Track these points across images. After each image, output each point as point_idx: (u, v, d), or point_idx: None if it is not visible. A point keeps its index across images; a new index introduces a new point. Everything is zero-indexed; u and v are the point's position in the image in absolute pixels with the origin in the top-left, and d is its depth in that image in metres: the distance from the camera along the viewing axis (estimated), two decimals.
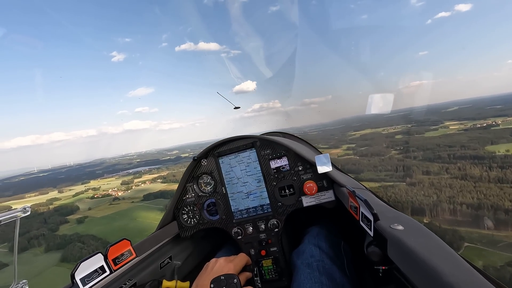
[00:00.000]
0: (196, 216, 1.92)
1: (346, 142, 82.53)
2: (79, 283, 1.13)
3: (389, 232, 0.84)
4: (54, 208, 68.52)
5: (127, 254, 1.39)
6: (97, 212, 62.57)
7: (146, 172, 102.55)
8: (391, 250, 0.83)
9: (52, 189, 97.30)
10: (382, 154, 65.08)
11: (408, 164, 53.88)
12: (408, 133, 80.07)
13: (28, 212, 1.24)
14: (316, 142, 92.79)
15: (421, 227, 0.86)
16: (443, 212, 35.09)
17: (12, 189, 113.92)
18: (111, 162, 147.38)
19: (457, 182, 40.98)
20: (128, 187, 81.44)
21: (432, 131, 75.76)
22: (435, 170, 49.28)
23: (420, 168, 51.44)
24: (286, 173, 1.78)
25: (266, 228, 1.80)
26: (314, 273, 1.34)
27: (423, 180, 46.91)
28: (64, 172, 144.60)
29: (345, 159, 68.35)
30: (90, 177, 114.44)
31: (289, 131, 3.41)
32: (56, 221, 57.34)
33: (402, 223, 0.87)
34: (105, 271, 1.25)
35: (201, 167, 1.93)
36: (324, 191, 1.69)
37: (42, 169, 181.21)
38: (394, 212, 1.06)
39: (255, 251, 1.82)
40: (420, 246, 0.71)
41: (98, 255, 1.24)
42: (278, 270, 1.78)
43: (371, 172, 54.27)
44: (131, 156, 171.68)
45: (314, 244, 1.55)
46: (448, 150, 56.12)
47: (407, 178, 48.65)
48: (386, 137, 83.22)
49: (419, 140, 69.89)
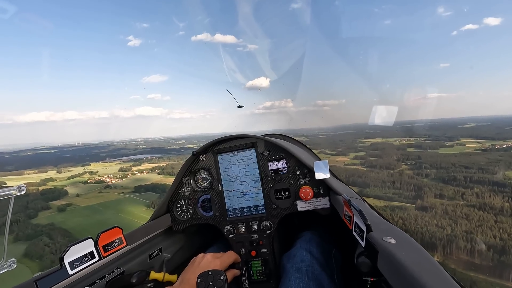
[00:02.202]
0: (190, 211, 1.93)
1: (355, 150, 78.94)
2: (67, 266, 1.16)
3: (381, 244, 0.84)
4: (42, 191, 66.20)
5: (118, 242, 1.42)
6: (83, 200, 60.34)
7: (147, 161, 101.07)
8: (381, 262, 0.84)
9: (52, 168, 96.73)
10: (391, 168, 61.37)
11: (419, 183, 49.49)
12: (421, 147, 76.11)
13: (23, 191, 1.27)
14: (323, 147, 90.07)
15: (413, 242, 0.86)
16: (459, 251, 30.43)
17: (15, 164, 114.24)
18: (117, 146, 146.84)
19: (474, 213, 36.68)
20: (124, 175, 79.36)
21: (447, 148, 71.57)
22: (450, 194, 44.79)
23: (432, 189, 46.94)
24: (283, 176, 1.80)
25: (259, 229, 1.81)
26: (303, 278, 1.37)
27: (435, 205, 42.12)
28: (71, 151, 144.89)
29: (351, 169, 64.47)
30: (92, 160, 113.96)
31: (297, 132, 2.33)
32: (38, 206, 54.75)
33: (394, 236, 0.87)
34: (94, 257, 1.28)
35: (199, 162, 1.94)
36: (319, 198, 1.72)
37: (51, 146, 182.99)
38: (387, 224, 1.06)
39: (245, 251, 1.81)
40: (410, 261, 0.71)
41: (88, 240, 1.27)
42: (267, 272, 1.77)
43: (378, 189, 50.10)
44: (138, 142, 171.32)
45: (306, 249, 1.56)
46: (464, 171, 51.87)
47: (417, 200, 44.12)
48: (398, 148, 79.23)
49: (432, 156, 65.70)
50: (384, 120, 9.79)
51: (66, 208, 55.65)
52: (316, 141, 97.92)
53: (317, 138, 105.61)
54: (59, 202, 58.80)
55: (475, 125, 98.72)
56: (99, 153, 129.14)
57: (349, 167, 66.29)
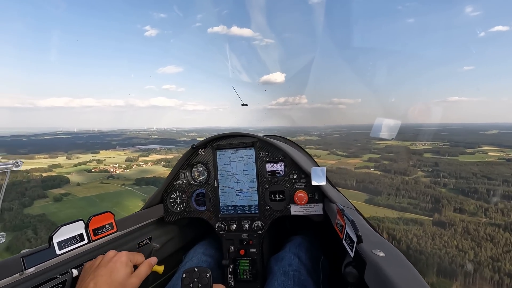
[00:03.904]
0: (183, 203, 1.95)
1: (369, 151, 75.10)
2: (55, 246, 1.16)
3: (370, 256, 0.85)
4: (44, 177, 65.29)
5: (108, 227, 1.42)
6: (82, 190, 59.07)
7: (155, 151, 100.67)
8: (368, 275, 0.84)
9: (62, 153, 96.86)
10: (407, 174, 57.52)
11: (436, 194, 45.47)
12: (439, 153, 71.70)
13: (20, 167, 1.32)
14: (335, 147, 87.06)
15: (402, 258, 0.87)
16: (483, 283, 26.41)
17: (29, 147, 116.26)
18: (130, 135, 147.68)
19: (500, 235, 32.50)
20: (129, 165, 78.17)
21: (467, 155, 67.17)
22: (471, 210, 40.78)
23: (451, 202, 42.78)
24: (280, 178, 1.82)
25: (250, 228, 1.83)
26: (289, 282, 1.39)
27: (454, 221, 37.73)
28: (85, 138, 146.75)
29: (363, 173, 61.08)
30: (103, 147, 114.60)
31: (309, 130, 2.42)
32: (35, 194, 53.36)
33: (384, 250, 0.88)
34: (83, 239, 1.28)
35: (198, 156, 1.96)
36: (313, 204, 1.74)
37: (67, 131, 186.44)
38: (378, 237, 1.07)
39: (234, 249, 1.84)
40: (397, 276, 0.71)
41: (79, 222, 1.27)
42: (253, 272, 1.79)
43: (391, 197, 46.41)
44: (151, 132, 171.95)
45: (294, 254, 1.59)
46: (487, 183, 47.74)
47: (434, 214, 40.14)
48: (414, 153, 75.04)
49: (451, 164, 61.36)
50: (386, 134, 8.62)
51: (62, 198, 54.32)
52: (327, 140, 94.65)
53: (329, 137, 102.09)
54: (58, 190, 57.49)
55: (498, 132, 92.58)
56: (110, 141, 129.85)
57: (360, 170, 63.12)
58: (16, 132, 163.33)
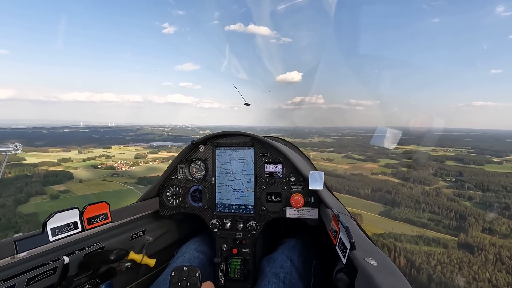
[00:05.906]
0: (179, 198, 1.95)
1: (386, 156, 70.78)
2: (49, 232, 1.18)
3: (362, 264, 0.85)
4: (48, 172, 63.61)
5: (103, 217, 1.43)
6: (82, 188, 57.08)
7: (166, 148, 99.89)
8: (359, 282, 0.84)
9: (76, 147, 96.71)
10: (427, 183, 52.99)
11: (461, 209, 40.49)
12: (463, 161, 66.52)
13: (19, 151, 1.34)
14: (351, 149, 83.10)
15: (394, 268, 0.87)
16: None
17: (46, 140, 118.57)
18: (145, 130, 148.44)
19: None
20: (137, 162, 76.59)
21: (495, 164, 61.89)
22: (503, 231, 35.87)
23: (479, 220, 37.74)
24: (277, 180, 1.83)
25: (244, 228, 1.83)
26: (280, 284, 1.39)
27: (484, 244, 32.60)
28: (102, 132, 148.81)
29: (379, 180, 57.13)
30: (116, 142, 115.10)
31: (328, 129, 3.81)
32: (33, 190, 50.81)
33: (376, 258, 0.88)
34: (77, 227, 1.29)
35: (197, 152, 1.95)
36: (309, 208, 1.75)
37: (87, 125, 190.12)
38: (371, 246, 1.06)
39: (227, 247, 1.84)
40: (388, 285, 0.71)
41: (74, 210, 1.30)
42: (245, 272, 1.79)
43: (410, 210, 41.87)
44: (166, 128, 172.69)
45: (287, 256, 1.59)
46: None
47: (460, 233, 35.23)
48: (435, 160, 70.07)
49: (477, 173, 56.22)
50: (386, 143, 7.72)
51: (60, 196, 52.38)
52: (344, 141, 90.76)
53: (345, 138, 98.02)
54: (58, 187, 55.71)
55: None
56: (125, 136, 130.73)
57: (376, 177, 59.28)
58: (39, 125, 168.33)
